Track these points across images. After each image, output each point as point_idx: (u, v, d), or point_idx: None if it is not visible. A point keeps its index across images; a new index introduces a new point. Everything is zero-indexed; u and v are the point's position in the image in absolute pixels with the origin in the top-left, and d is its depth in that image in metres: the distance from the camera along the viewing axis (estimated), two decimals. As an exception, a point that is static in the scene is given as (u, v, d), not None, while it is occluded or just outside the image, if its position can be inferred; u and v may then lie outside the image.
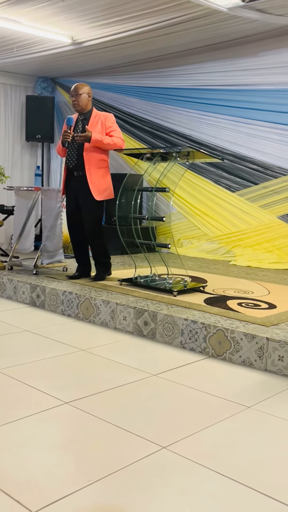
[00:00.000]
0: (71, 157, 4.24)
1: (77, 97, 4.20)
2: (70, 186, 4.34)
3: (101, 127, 4.19)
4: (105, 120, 4.22)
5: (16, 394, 2.37)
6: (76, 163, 4.21)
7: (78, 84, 4.26)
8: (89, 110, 4.28)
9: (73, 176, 4.28)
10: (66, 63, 6.82)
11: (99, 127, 4.19)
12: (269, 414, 2.22)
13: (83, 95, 4.20)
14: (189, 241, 6.56)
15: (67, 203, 4.41)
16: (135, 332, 3.44)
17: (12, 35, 5.61)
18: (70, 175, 4.32)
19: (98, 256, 4.39)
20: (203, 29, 5.25)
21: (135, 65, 6.75)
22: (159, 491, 1.61)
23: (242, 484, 1.66)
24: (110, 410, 2.20)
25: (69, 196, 4.37)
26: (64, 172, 4.38)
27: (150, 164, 4.27)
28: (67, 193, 4.39)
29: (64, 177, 4.37)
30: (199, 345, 3.07)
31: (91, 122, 4.22)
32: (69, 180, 4.34)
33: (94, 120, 4.22)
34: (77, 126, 4.28)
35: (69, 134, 4.15)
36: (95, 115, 4.25)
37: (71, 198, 4.35)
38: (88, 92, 4.25)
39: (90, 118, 4.24)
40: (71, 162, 4.24)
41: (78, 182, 4.22)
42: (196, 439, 1.97)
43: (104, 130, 4.20)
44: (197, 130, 6.44)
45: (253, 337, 2.81)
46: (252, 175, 5.98)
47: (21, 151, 7.77)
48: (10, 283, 4.43)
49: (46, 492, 1.58)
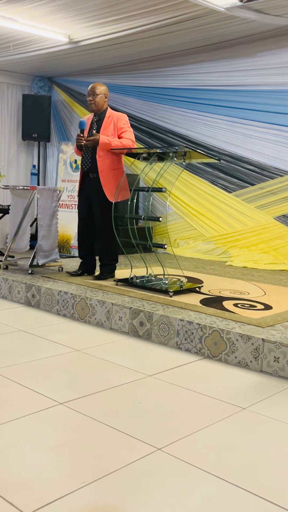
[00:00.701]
0: (86, 160, 4.32)
1: (94, 97, 4.24)
2: (84, 187, 4.41)
3: (114, 128, 4.24)
4: (117, 121, 4.25)
5: (10, 394, 2.35)
6: (90, 166, 4.29)
7: (95, 84, 4.30)
8: (104, 110, 4.31)
9: (88, 178, 4.35)
10: (63, 62, 6.80)
11: (111, 129, 4.23)
12: (264, 415, 2.21)
13: (100, 95, 4.25)
14: (185, 241, 6.55)
15: (80, 202, 4.48)
16: (130, 332, 3.43)
17: (8, 33, 5.59)
18: (85, 176, 4.38)
19: (105, 258, 4.42)
20: (201, 29, 5.25)
21: (132, 64, 6.74)
22: (154, 493, 1.59)
23: (237, 486, 1.65)
24: (105, 411, 2.19)
25: (82, 197, 4.45)
26: (80, 173, 4.45)
27: (146, 164, 4.26)
28: (80, 193, 4.46)
29: (80, 178, 4.45)
30: (194, 345, 3.06)
31: (104, 124, 4.26)
32: (84, 182, 4.41)
33: (107, 121, 4.26)
34: (92, 127, 4.33)
35: (82, 138, 4.22)
36: (108, 116, 4.29)
37: (83, 198, 4.42)
38: (105, 93, 4.30)
39: (104, 119, 4.28)
40: (85, 165, 4.33)
41: (93, 183, 4.29)
42: (192, 440, 1.96)
43: (116, 131, 4.24)
44: (194, 130, 6.43)
45: (248, 338, 2.81)
46: (248, 176, 5.98)
47: (17, 150, 7.74)
48: (5, 283, 4.41)
49: (39, 493, 1.57)
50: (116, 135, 4.24)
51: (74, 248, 6.41)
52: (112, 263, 4.45)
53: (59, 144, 7.15)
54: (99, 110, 4.30)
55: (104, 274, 4.38)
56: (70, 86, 7.67)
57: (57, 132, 7.84)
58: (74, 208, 6.43)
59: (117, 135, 4.24)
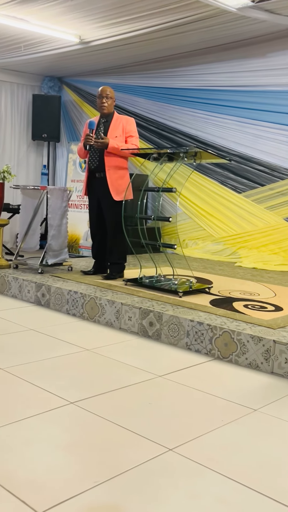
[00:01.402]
0: (94, 159, 4.36)
1: (107, 99, 4.33)
2: (92, 187, 4.44)
3: (122, 130, 4.32)
4: (126, 124, 4.35)
5: (21, 393, 2.36)
6: (98, 164, 4.33)
7: (106, 87, 4.40)
8: (111, 113, 4.40)
9: (94, 178, 4.38)
10: (73, 63, 6.82)
11: (119, 130, 4.31)
12: (276, 417, 2.20)
13: (112, 99, 4.36)
14: (194, 242, 6.54)
15: (90, 202, 4.52)
16: (140, 332, 3.43)
17: (20, 34, 5.61)
18: (92, 176, 4.41)
19: (114, 257, 4.44)
20: (211, 29, 5.24)
21: (142, 65, 6.74)
22: (165, 494, 1.59)
23: (249, 488, 1.64)
24: (115, 411, 2.19)
25: (91, 197, 4.48)
26: (86, 173, 4.47)
27: (156, 165, 4.26)
28: (89, 194, 4.49)
29: (86, 178, 4.47)
30: (204, 346, 3.05)
31: (112, 125, 4.33)
32: (91, 182, 4.44)
33: (116, 123, 4.34)
34: (99, 128, 4.38)
35: (91, 137, 4.27)
36: (116, 118, 4.37)
37: (94, 199, 4.46)
38: (114, 97, 4.43)
39: (112, 121, 4.35)
40: (93, 163, 4.36)
41: (100, 183, 4.33)
42: (203, 441, 1.96)
43: (124, 133, 4.32)
44: (203, 130, 6.42)
45: (259, 340, 2.80)
46: (258, 176, 5.96)
47: (27, 150, 7.77)
48: (15, 282, 4.43)
49: (52, 492, 1.57)
50: (124, 137, 4.32)
51: (83, 248, 6.42)
52: (121, 262, 4.47)
53: (68, 144, 7.17)
54: (109, 112, 4.38)
55: (113, 274, 4.39)
56: (80, 86, 7.69)
57: (67, 132, 7.87)
58: (83, 208, 6.44)
59: (124, 137, 4.32)
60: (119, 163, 4.32)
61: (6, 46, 6.14)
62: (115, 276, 4.38)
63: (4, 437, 1.92)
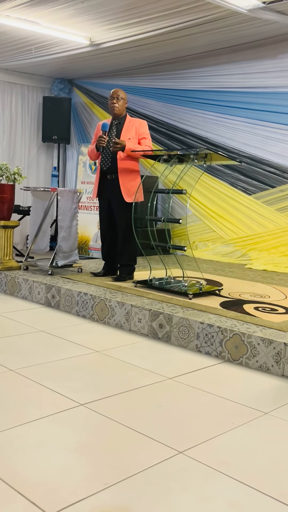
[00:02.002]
0: (106, 160, 4.37)
1: (118, 101, 4.36)
2: (104, 189, 4.45)
3: (135, 132, 4.34)
4: (139, 126, 4.37)
5: (31, 394, 2.36)
6: (110, 166, 4.34)
7: (118, 89, 4.44)
8: (124, 115, 4.43)
9: (106, 179, 4.39)
10: (83, 65, 6.84)
11: (132, 132, 4.33)
12: (286, 420, 2.18)
13: (123, 100, 4.39)
14: (204, 243, 6.53)
15: (101, 204, 4.54)
16: (150, 334, 3.42)
17: (31, 36, 5.64)
18: (103, 178, 4.43)
19: (124, 258, 4.44)
20: (222, 31, 5.23)
21: (152, 66, 6.74)
22: (176, 497, 1.59)
23: (260, 491, 1.63)
24: (125, 413, 2.19)
25: (102, 198, 4.49)
26: (98, 175, 4.48)
27: (167, 166, 4.25)
28: (100, 195, 4.50)
29: (98, 180, 4.47)
30: (215, 349, 3.04)
31: (125, 127, 4.35)
32: (102, 183, 4.45)
33: (129, 125, 4.36)
34: (111, 130, 4.40)
35: (104, 139, 4.28)
36: (129, 121, 4.40)
37: (105, 200, 4.47)
38: (126, 98, 4.45)
39: (124, 123, 4.38)
40: (105, 165, 4.38)
41: (111, 185, 4.35)
42: (213, 444, 1.95)
43: (137, 136, 4.34)
44: (214, 132, 6.41)
45: (270, 342, 2.78)
46: (269, 178, 5.94)
47: (37, 152, 7.81)
48: (25, 283, 4.44)
49: (62, 494, 1.57)
50: (137, 139, 4.33)
51: (93, 250, 6.43)
52: (131, 264, 4.47)
53: (78, 146, 7.19)
54: (120, 114, 4.40)
55: (123, 276, 4.39)
56: (90, 88, 7.71)
57: (77, 134, 7.89)
58: (93, 210, 6.46)
59: (137, 139, 4.34)
60: (131, 165, 4.34)
61: (17, 49, 6.17)
62: (125, 278, 4.38)
63: (15, 439, 1.92)
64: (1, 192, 4.81)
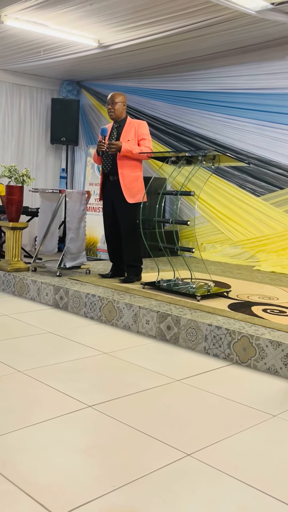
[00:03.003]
0: (107, 162, 4.41)
1: (113, 105, 4.39)
2: (106, 191, 4.48)
3: (134, 134, 4.36)
4: (138, 127, 4.38)
5: (39, 396, 2.37)
6: (111, 168, 4.38)
7: (114, 93, 4.46)
8: (124, 118, 4.45)
9: (108, 181, 4.43)
10: (92, 66, 6.86)
11: (132, 134, 4.36)
12: (295, 423, 2.17)
13: (119, 104, 4.40)
14: (212, 245, 6.51)
15: (104, 206, 4.56)
16: (157, 336, 3.42)
17: (39, 38, 5.67)
18: (106, 179, 4.47)
19: (130, 260, 4.44)
20: (230, 32, 5.22)
21: (160, 68, 6.75)
22: (183, 499, 1.58)
23: (268, 494, 1.62)
24: (133, 415, 2.19)
25: (106, 200, 4.52)
26: (101, 177, 4.53)
27: (175, 168, 4.25)
28: (104, 197, 4.53)
29: (101, 182, 4.53)
30: (223, 351, 3.03)
31: (125, 129, 4.39)
32: (105, 185, 4.48)
33: (128, 127, 4.39)
34: (112, 133, 4.46)
35: (103, 144, 4.34)
36: (129, 123, 4.42)
37: (108, 202, 4.49)
38: (123, 101, 4.45)
39: (124, 126, 4.41)
40: (106, 167, 4.42)
41: (113, 186, 4.38)
42: (221, 447, 1.94)
43: (136, 137, 4.35)
44: (222, 133, 6.39)
45: (278, 344, 2.76)
46: (277, 180, 5.91)
47: (46, 154, 7.83)
48: (33, 285, 4.46)
49: (69, 496, 1.57)
50: (136, 140, 4.35)
51: (101, 251, 6.44)
52: (137, 265, 4.46)
53: (87, 148, 7.21)
54: (118, 117, 4.43)
55: (131, 277, 4.39)
56: (98, 90, 7.72)
57: (85, 135, 7.91)
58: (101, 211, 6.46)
59: (137, 140, 4.35)
60: (132, 166, 4.34)
61: (26, 51, 6.20)
62: (132, 279, 4.38)
63: (23, 440, 1.93)
64: (10, 193, 4.83)
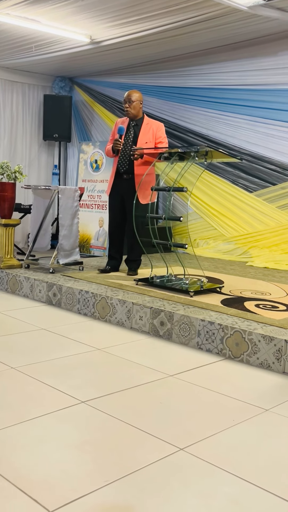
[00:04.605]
0: (123, 162, 4.47)
1: (130, 104, 4.44)
2: (118, 187, 4.55)
3: (152, 136, 4.43)
4: (156, 130, 4.47)
5: (32, 392, 2.37)
6: (127, 168, 4.45)
7: (131, 91, 4.50)
8: (141, 117, 4.51)
9: (121, 178, 4.51)
10: (84, 63, 6.83)
11: (150, 136, 4.43)
12: (287, 417, 2.19)
13: (136, 103, 4.45)
14: (205, 241, 6.53)
15: (113, 202, 4.63)
16: (151, 332, 3.43)
17: (31, 34, 5.64)
18: (118, 177, 4.54)
19: (134, 254, 4.62)
20: (222, 28, 5.21)
21: (153, 64, 6.73)
22: (176, 493, 1.59)
23: (260, 488, 1.64)
24: (126, 410, 2.19)
25: (115, 196, 4.59)
26: (113, 173, 4.59)
27: (167, 164, 4.25)
28: (113, 193, 4.60)
29: (113, 177, 4.58)
30: (216, 346, 3.04)
31: (143, 130, 4.45)
32: (117, 181, 4.55)
33: (146, 128, 4.46)
34: (129, 132, 4.50)
35: (120, 143, 4.38)
36: (146, 123, 4.49)
37: (117, 198, 4.58)
38: (140, 99, 4.49)
39: (142, 125, 4.47)
40: (123, 167, 4.49)
41: (127, 184, 4.46)
42: (214, 441, 1.95)
43: (154, 139, 4.44)
44: (215, 129, 6.40)
45: (271, 339, 2.78)
46: (270, 176, 5.93)
47: (39, 150, 7.80)
48: (26, 282, 4.45)
49: (63, 491, 1.58)
50: (154, 142, 4.44)
51: (94, 248, 6.43)
52: (140, 259, 4.68)
53: (79, 144, 7.19)
54: (135, 116, 4.49)
55: (135, 271, 4.60)
56: (91, 86, 7.70)
57: (78, 132, 7.88)
58: (94, 208, 6.46)
59: (154, 143, 4.44)
60: (146, 169, 4.43)
61: (17, 47, 6.17)
62: (136, 272, 4.59)
63: (16, 436, 1.93)
64: (2, 190, 4.81)
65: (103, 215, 6.29)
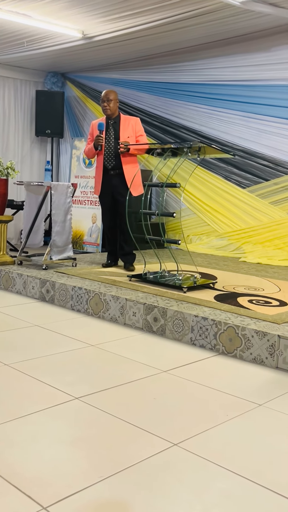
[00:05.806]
0: (110, 158, 4.56)
1: (109, 102, 4.57)
2: (107, 183, 4.61)
3: (132, 130, 4.58)
4: (135, 124, 4.62)
5: (25, 389, 2.36)
6: (114, 163, 4.53)
7: (108, 90, 4.64)
8: (117, 114, 4.63)
9: (109, 175, 4.58)
10: (76, 58, 6.80)
11: (130, 131, 4.58)
12: (280, 412, 2.20)
13: (114, 101, 4.58)
14: (199, 237, 6.53)
15: (104, 199, 4.70)
16: (144, 328, 3.43)
17: (23, 29, 5.60)
18: (106, 174, 4.60)
19: (128, 247, 4.69)
20: (215, 23, 5.20)
21: (145, 60, 6.71)
22: (170, 488, 1.60)
23: (253, 482, 1.64)
24: (120, 406, 2.19)
25: (105, 194, 4.65)
26: (100, 171, 4.63)
27: (160, 160, 4.24)
28: (103, 191, 4.65)
29: (100, 176, 4.63)
30: (209, 342, 3.05)
31: (122, 125, 4.58)
32: (105, 178, 4.61)
33: (125, 124, 4.60)
34: (109, 130, 4.60)
35: (101, 138, 4.52)
36: (124, 119, 4.63)
37: (108, 195, 4.64)
38: (117, 98, 4.66)
39: (120, 122, 4.59)
40: (109, 163, 4.56)
41: (116, 180, 4.55)
42: (207, 436, 1.96)
43: (134, 134, 4.58)
44: (208, 125, 6.40)
45: (264, 335, 2.79)
46: (262, 171, 5.94)
47: (31, 146, 7.77)
48: (19, 278, 4.43)
49: (57, 487, 1.57)
50: (135, 136, 4.57)
51: (87, 244, 6.42)
52: (134, 253, 4.73)
53: (72, 140, 7.17)
54: (113, 114, 4.61)
55: (132, 264, 4.67)
56: (83, 82, 7.67)
57: (70, 128, 7.85)
58: (87, 204, 6.44)
59: (135, 137, 4.57)
60: (133, 162, 4.57)
61: (9, 42, 6.12)
62: (133, 266, 4.66)
63: (10, 432, 1.93)
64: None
65: (96, 212, 6.28)
